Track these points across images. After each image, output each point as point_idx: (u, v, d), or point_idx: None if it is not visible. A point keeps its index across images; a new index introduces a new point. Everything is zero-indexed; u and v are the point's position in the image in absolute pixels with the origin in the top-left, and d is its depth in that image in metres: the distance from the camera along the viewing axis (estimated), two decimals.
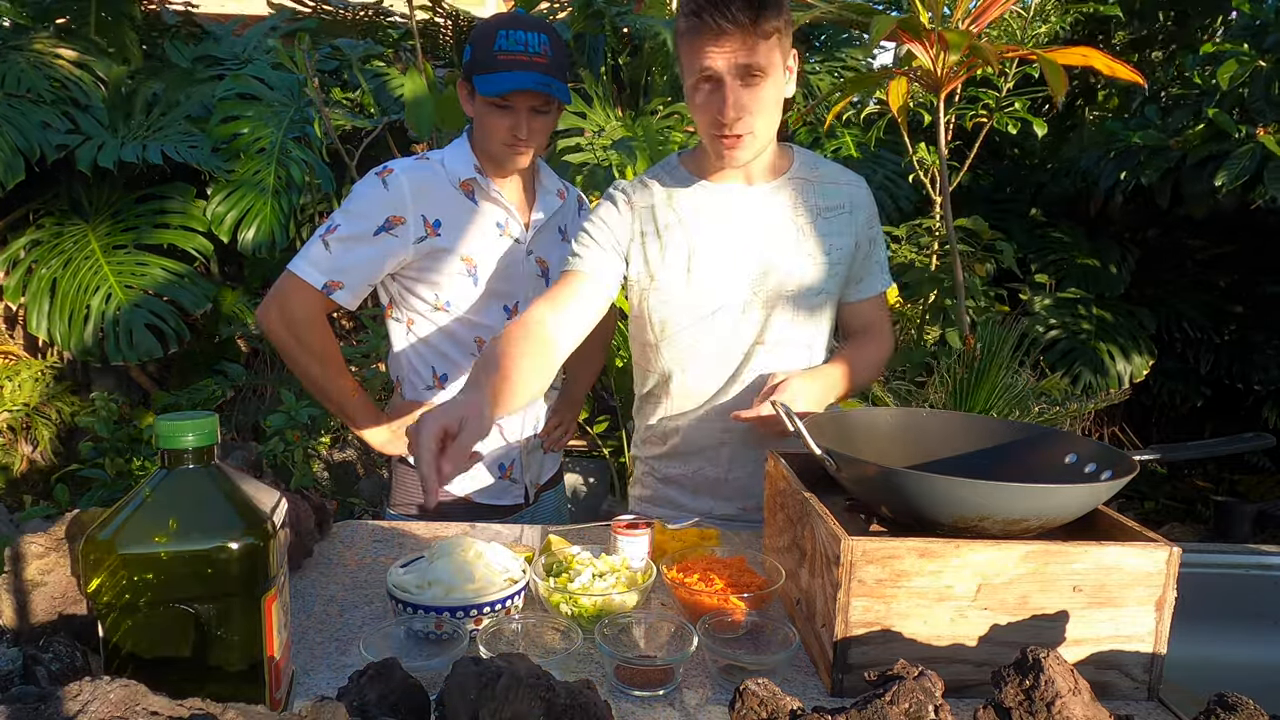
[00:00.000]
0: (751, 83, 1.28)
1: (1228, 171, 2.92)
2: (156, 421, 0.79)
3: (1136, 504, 4.04)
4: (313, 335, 1.55)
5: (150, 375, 4.05)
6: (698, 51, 1.27)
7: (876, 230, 1.52)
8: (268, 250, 3.52)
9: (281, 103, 3.77)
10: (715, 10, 1.23)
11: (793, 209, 1.44)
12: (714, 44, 1.26)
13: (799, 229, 1.44)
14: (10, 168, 3.23)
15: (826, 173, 1.49)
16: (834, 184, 1.48)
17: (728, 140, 1.32)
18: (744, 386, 1.45)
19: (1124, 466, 1.02)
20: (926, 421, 1.27)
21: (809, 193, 1.46)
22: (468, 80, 1.53)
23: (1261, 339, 3.99)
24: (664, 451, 1.55)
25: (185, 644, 0.77)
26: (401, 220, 1.52)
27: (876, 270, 1.53)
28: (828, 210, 1.46)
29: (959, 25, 2.51)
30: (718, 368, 1.46)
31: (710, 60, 1.26)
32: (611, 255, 1.43)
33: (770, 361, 1.45)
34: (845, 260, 1.47)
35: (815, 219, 1.45)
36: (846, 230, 1.47)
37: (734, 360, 1.45)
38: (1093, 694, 0.72)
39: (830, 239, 1.45)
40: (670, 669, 0.95)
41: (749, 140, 1.32)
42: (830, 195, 1.47)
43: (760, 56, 1.26)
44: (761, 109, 1.31)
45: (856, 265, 1.50)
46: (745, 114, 1.29)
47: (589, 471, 3.63)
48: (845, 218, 1.47)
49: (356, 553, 1.38)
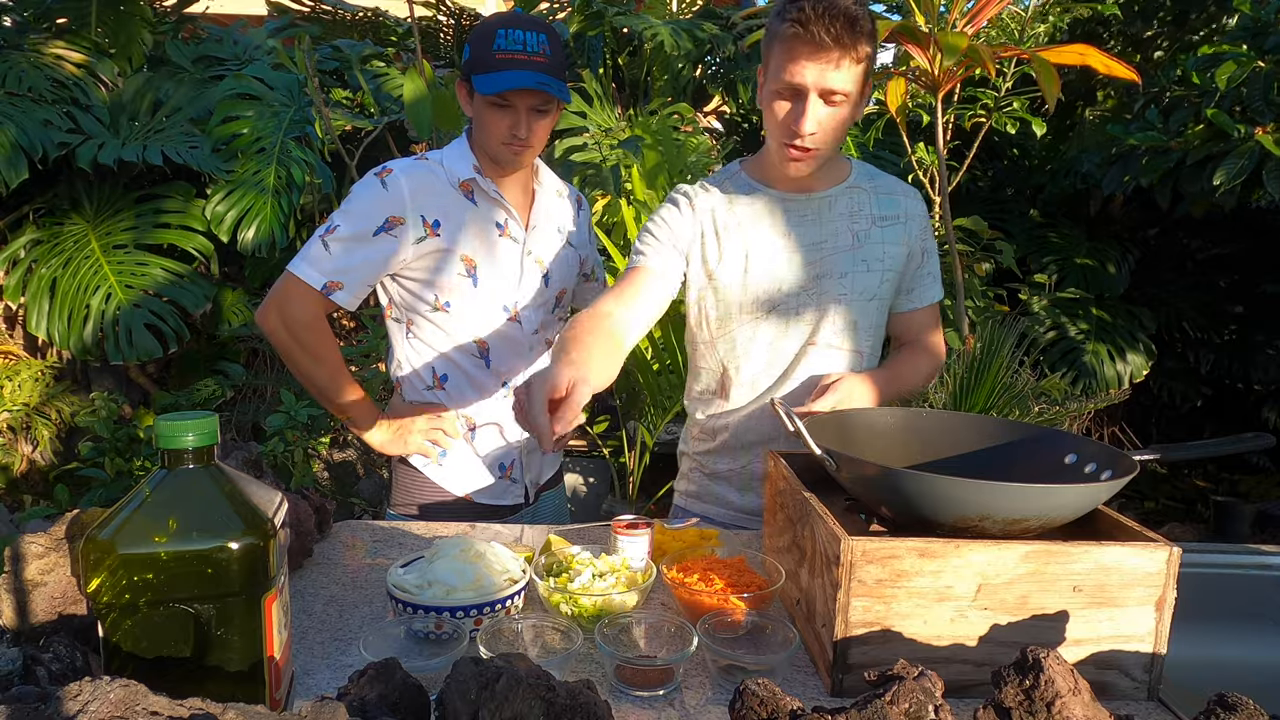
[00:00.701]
0: (832, 103, 1.33)
1: (1225, 171, 2.93)
2: (156, 421, 0.79)
3: (1136, 504, 4.04)
4: (312, 336, 1.55)
5: (150, 375, 4.05)
6: (791, 61, 1.30)
7: (930, 242, 1.55)
8: (267, 250, 3.52)
9: (281, 103, 3.77)
10: (822, 25, 1.25)
11: (850, 217, 1.48)
12: (810, 58, 1.29)
13: (854, 235, 1.48)
14: (13, 167, 3.23)
15: (882, 184, 1.53)
16: (889, 194, 1.52)
17: (795, 152, 1.37)
18: (795, 385, 1.50)
19: (1124, 466, 1.02)
20: (926, 421, 1.27)
21: (865, 202, 1.50)
22: (466, 80, 1.53)
23: (1261, 339, 3.99)
24: (713, 447, 1.58)
25: (185, 644, 0.77)
26: (401, 221, 1.52)
27: (928, 281, 1.57)
28: (883, 219, 1.50)
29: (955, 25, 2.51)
30: (769, 366, 1.50)
31: (801, 72, 1.30)
32: (674, 254, 1.47)
33: (821, 362, 1.49)
34: (897, 268, 1.51)
35: (871, 227, 1.49)
36: (900, 239, 1.51)
37: (785, 359, 1.50)
38: (1093, 694, 0.72)
39: (885, 247, 1.49)
40: (670, 669, 0.95)
41: (816, 155, 1.38)
42: (886, 205, 1.51)
43: (848, 80, 1.31)
44: (835, 128, 1.36)
45: (908, 275, 1.55)
46: (819, 130, 1.34)
47: (589, 471, 3.63)
48: (900, 227, 1.51)
49: (356, 553, 1.38)
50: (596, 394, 1.17)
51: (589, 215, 1.81)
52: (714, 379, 1.55)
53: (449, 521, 1.58)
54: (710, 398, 1.57)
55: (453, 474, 1.68)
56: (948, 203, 2.74)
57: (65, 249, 3.57)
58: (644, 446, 3.12)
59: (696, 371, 1.59)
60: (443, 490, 1.68)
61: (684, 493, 1.66)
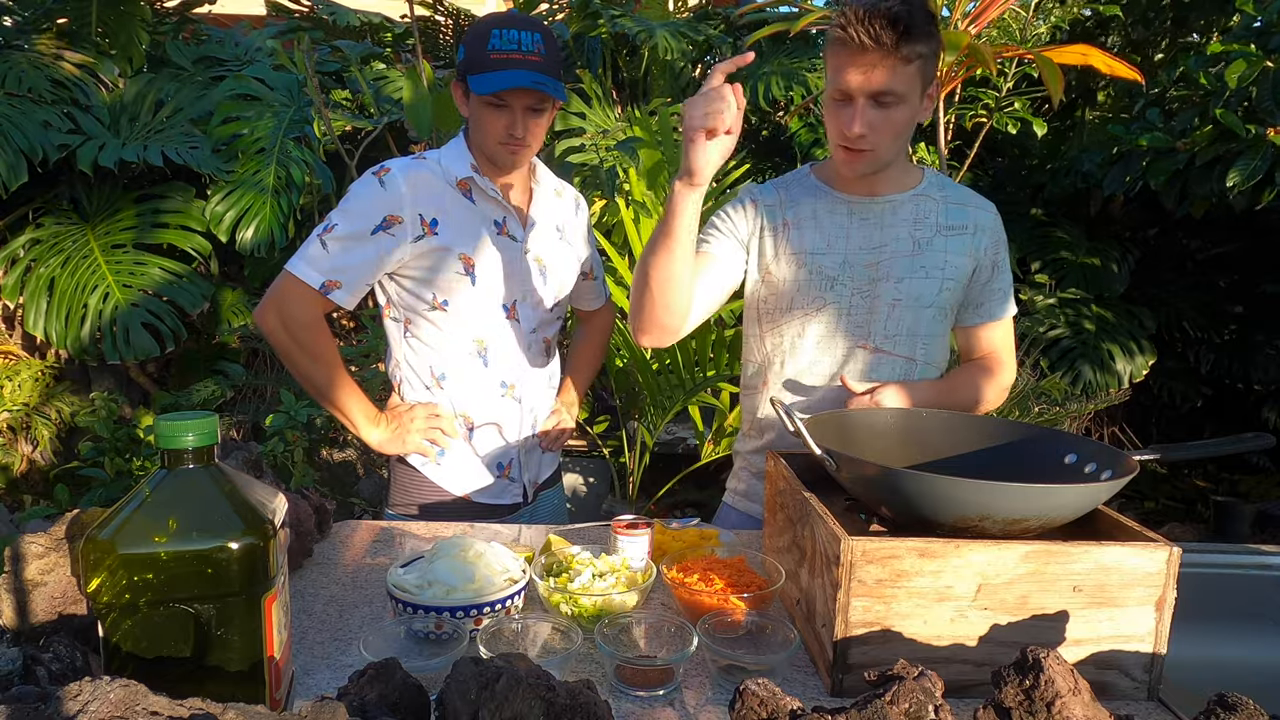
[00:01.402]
0: (885, 105, 1.32)
1: (1239, 172, 2.91)
2: (156, 421, 0.79)
3: (1136, 504, 4.04)
4: (310, 335, 1.55)
5: (150, 375, 4.05)
6: (839, 66, 1.32)
7: (1002, 257, 1.53)
8: (266, 250, 3.52)
9: (281, 103, 3.77)
10: (861, 28, 1.26)
11: (913, 223, 1.47)
12: (853, 62, 1.30)
13: (916, 242, 1.47)
14: (14, 169, 3.23)
15: (954, 194, 1.52)
16: (960, 205, 1.51)
17: (849, 154, 1.38)
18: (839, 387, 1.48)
19: (1124, 466, 1.02)
20: (926, 421, 1.27)
21: (932, 210, 1.49)
22: (462, 80, 1.53)
23: (1261, 339, 3.99)
24: (761, 445, 1.59)
25: (185, 644, 0.77)
26: (399, 220, 1.52)
27: (998, 297, 1.54)
28: (949, 229, 1.48)
29: (958, 25, 2.51)
30: (816, 365, 1.50)
31: (848, 77, 1.31)
32: (735, 243, 1.49)
33: (869, 365, 1.49)
34: (961, 279, 1.49)
35: (934, 235, 1.48)
36: (966, 251, 1.49)
37: (836, 358, 1.50)
38: (1093, 694, 0.72)
39: (947, 256, 1.47)
40: (670, 669, 0.95)
41: (870, 156, 1.38)
42: (954, 215, 1.49)
43: (897, 81, 1.30)
44: (889, 129, 1.35)
45: (976, 289, 1.52)
46: (870, 131, 1.34)
47: (589, 471, 3.63)
48: (967, 238, 1.49)
49: (356, 553, 1.38)
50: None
51: (587, 214, 1.81)
52: (760, 372, 1.57)
53: (448, 521, 1.58)
54: (753, 392, 1.59)
55: (451, 473, 1.68)
56: None
57: (64, 248, 3.58)
58: (644, 446, 3.12)
59: (746, 363, 1.61)
60: (441, 490, 1.68)
61: (733, 490, 1.68)
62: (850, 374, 1.48)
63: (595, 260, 1.86)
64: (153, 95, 3.78)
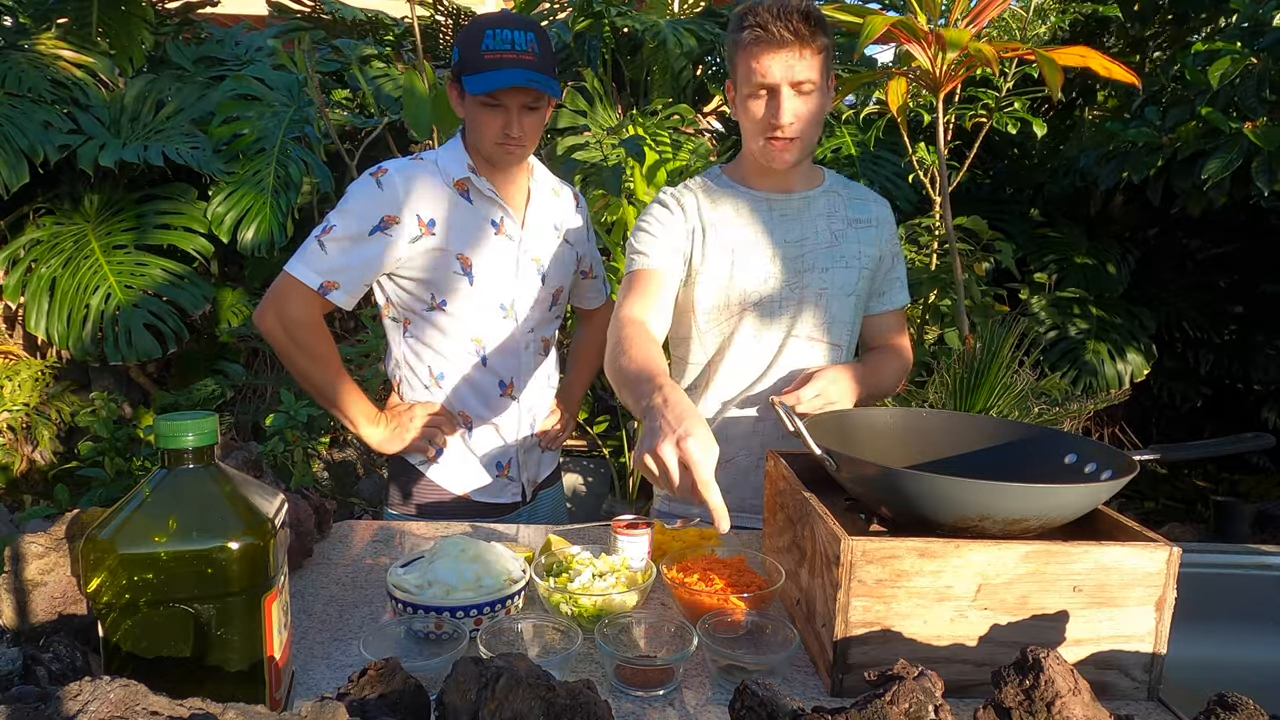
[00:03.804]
0: (803, 93, 1.42)
1: (1214, 165, 2.94)
2: (156, 421, 0.79)
3: (1136, 504, 4.04)
4: (309, 336, 1.55)
5: (150, 375, 4.05)
6: (757, 62, 1.40)
7: (898, 247, 1.65)
8: (267, 250, 3.52)
9: (282, 103, 3.77)
10: (781, 24, 1.37)
11: (828, 217, 1.57)
12: (773, 55, 1.39)
13: (834, 234, 1.56)
14: (14, 170, 3.23)
15: (854, 190, 1.63)
16: (861, 200, 1.62)
17: (779, 143, 1.45)
18: (777, 378, 1.54)
19: (1124, 466, 1.02)
20: (926, 421, 1.27)
21: (840, 204, 1.59)
22: (457, 81, 1.53)
23: (1261, 339, 3.98)
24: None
25: (185, 644, 0.77)
26: (396, 220, 1.52)
27: (897, 285, 1.65)
28: (857, 221, 1.59)
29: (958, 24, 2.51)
30: (753, 359, 1.55)
31: (769, 70, 1.40)
32: (673, 252, 1.52)
33: (801, 355, 1.54)
34: (871, 268, 1.59)
35: (846, 227, 1.57)
36: (874, 242, 1.59)
37: (768, 353, 1.54)
38: (1093, 694, 0.72)
39: (860, 247, 1.57)
40: (670, 669, 0.95)
41: (798, 144, 1.46)
42: (858, 209, 1.60)
43: (813, 70, 1.41)
44: (811, 117, 1.44)
45: (879, 278, 1.63)
46: (797, 120, 1.43)
47: (589, 471, 3.63)
48: (872, 230, 1.60)
49: (356, 553, 1.38)
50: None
51: (586, 213, 1.81)
52: (698, 373, 1.60)
53: (447, 520, 1.58)
54: (696, 392, 1.60)
55: (450, 473, 1.68)
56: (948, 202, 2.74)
57: (65, 249, 3.57)
58: None
59: (682, 367, 1.63)
60: (440, 489, 1.68)
61: (665, 496, 1.66)
62: (784, 364, 1.54)
63: (595, 259, 1.86)
64: (153, 95, 3.78)
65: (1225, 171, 2.92)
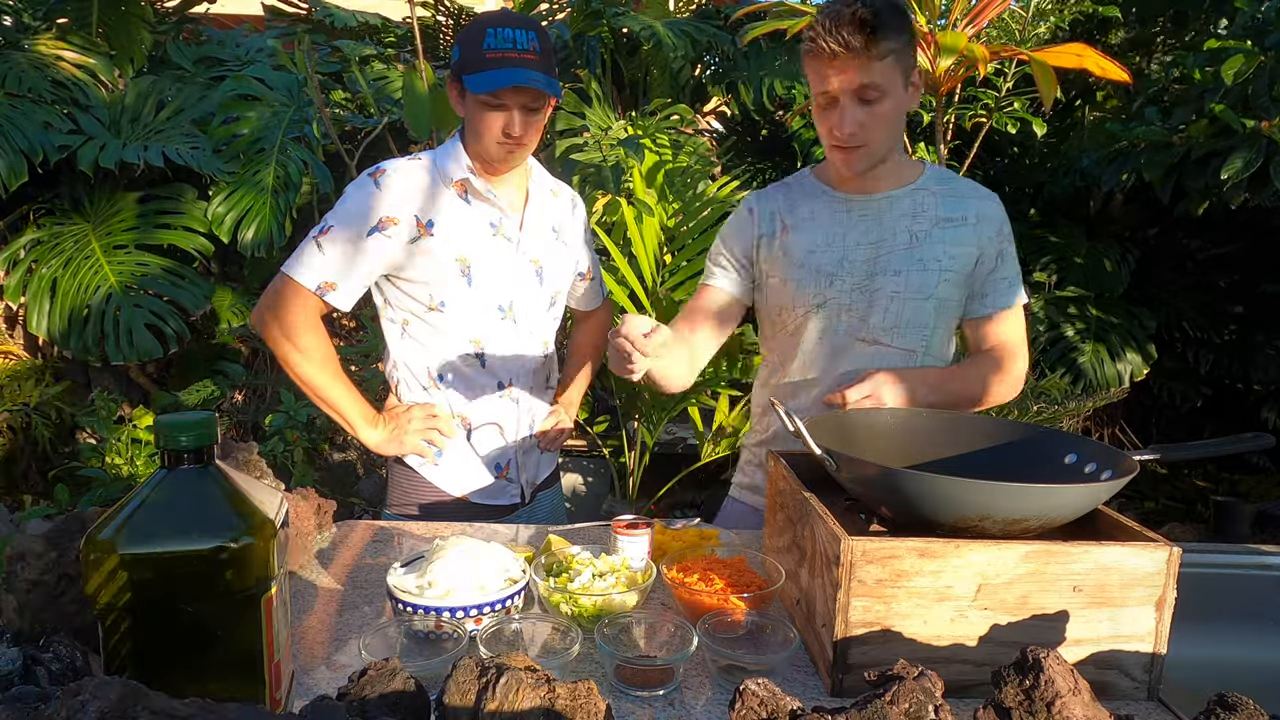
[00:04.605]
0: (868, 100, 1.38)
1: (1234, 165, 2.91)
2: (156, 421, 0.79)
3: (1136, 504, 4.04)
4: (307, 337, 1.55)
5: (150, 375, 4.05)
6: (816, 72, 1.39)
7: (1006, 247, 1.54)
8: (267, 250, 3.52)
9: (282, 103, 3.77)
10: (829, 35, 1.33)
11: (911, 217, 1.50)
12: (829, 66, 1.36)
13: (913, 235, 1.50)
14: (14, 170, 3.23)
15: (954, 187, 1.54)
16: (958, 197, 1.53)
17: (843, 152, 1.43)
18: (839, 377, 1.53)
19: (1124, 466, 1.02)
20: (926, 421, 1.27)
21: (929, 203, 1.51)
22: (457, 80, 1.52)
23: (1261, 339, 3.98)
24: (765, 438, 1.65)
25: (185, 644, 0.77)
26: (394, 221, 1.52)
27: (1003, 286, 1.54)
28: (946, 220, 1.51)
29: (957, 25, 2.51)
30: (818, 358, 1.55)
31: (827, 81, 1.38)
32: (734, 272, 1.59)
33: (868, 358, 1.52)
34: (961, 271, 1.51)
35: (932, 227, 1.50)
36: (967, 241, 1.50)
37: (834, 352, 1.53)
38: (1093, 694, 0.72)
39: (945, 247, 1.49)
40: (670, 669, 0.95)
41: (864, 152, 1.43)
42: (953, 207, 1.51)
43: (876, 76, 1.35)
44: (877, 124, 1.40)
45: (980, 280, 1.53)
46: (860, 129, 1.39)
47: (588, 471, 3.63)
48: (967, 229, 1.50)
49: (356, 553, 1.38)
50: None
51: (584, 213, 1.81)
52: (769, 371, 1.63)
53: (447, 521, 1.58)
54: (764, 388, 1.65)
55: (449, 474, 1.68)
56: None
57: (65, 249, 3.57)
58: (644, 446, 3.12)
59: (766, 363, 1.67)
60: (439, 490, 1.68)
61: (737, 484, 1.73)
62: (849, 366, 1.52)
63: (593, 260, 1.86)
64: (154, 96, 3.78)
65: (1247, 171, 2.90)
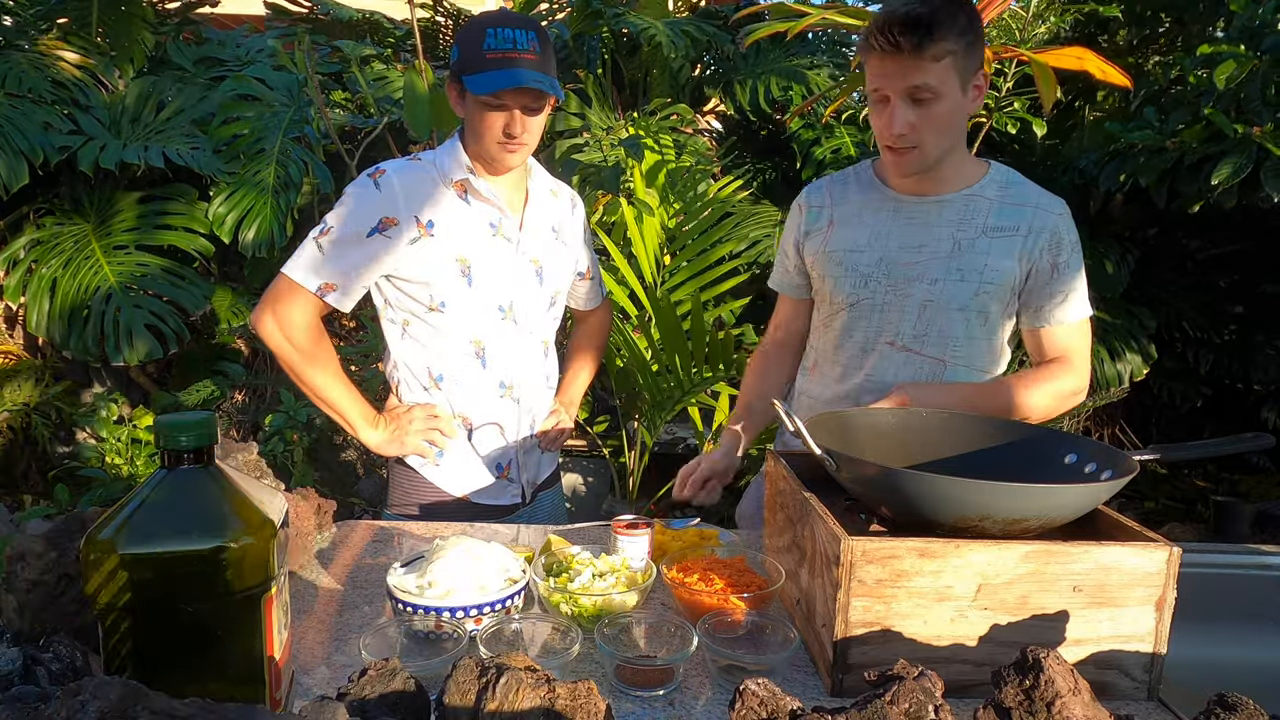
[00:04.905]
0: (921, 101, 1.34)
1: (1223, 171, 2.92)
2: (156, 421, 0.79)
3: (1136, 504, 4.03)
4: (307, 339, 1.55)
5: (150, 375, 4.05)
6: (870, 69, 1.37)
7: (1065, 258, 1.45)
8: (267, 250, 3.52)
9: (282, 103, 3.77)
10: (881, 35, 1.31)
11: (957, 224, 1.46)
12: (881, 66, 1.34)
13: (956, 243, 1.46)
14: (14, 171, 3.23)
15: (1015, 193, 1.48)
16: (1017, 205, 1.46)
17: (894, 154, 1.41)
18: (864, 382, 1.52)
19: (1124, 466, 1.02)
20: (926, 421, 1.27)
21: (982, 210, 1.46)
22: (457, 81, 1.52)
23: (1261, 339, 3.98)
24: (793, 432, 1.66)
25: (185, 644, 0.77)
26: (394, 221, 1.52)
27: (1056, 300, 1.47)
28: (995, 230, 1.45)
29: None
30: (843, 357, 1.56)
31: (879, 80, 1.36)
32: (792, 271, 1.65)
33: (894, 363, 1.50)
34: (1005, 283, 1.45)
35: (979, 236, 1.45)
36: (1013, 253, 1.44)
37: (859, 355, 1.54)
38: (1093, 694, 0.72)
39: (989, 258, 1.44)
40: (670, 669, 0.95)
41: (915, 155, 1.39)
42: (1006, 216, 1.45)
43: (930, 77, 1.31)
44: (930, 126, 1.36)
45: (1033, 293, 1.47)
46: (911, 130, 1.36)
47: (589, 471, 3.63)
48: (1017, 240, 1.44)
49: (356, 553, 1.38)
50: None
51: (583, 213, 1.81)
52: (808, 366, 1.66)
53: (448, 521, 1.58)
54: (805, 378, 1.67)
55: (450, 474, 1.68)
56: None
57: (65, 249, 3.57)
58: (644, 446, 3.11)
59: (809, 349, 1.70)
60: (440, 490, 1.68)
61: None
62: (874, 370, 1.50)
63: (593, 260, 1.86)
64: (154, 96, 3.78)
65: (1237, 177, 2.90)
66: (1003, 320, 1.49)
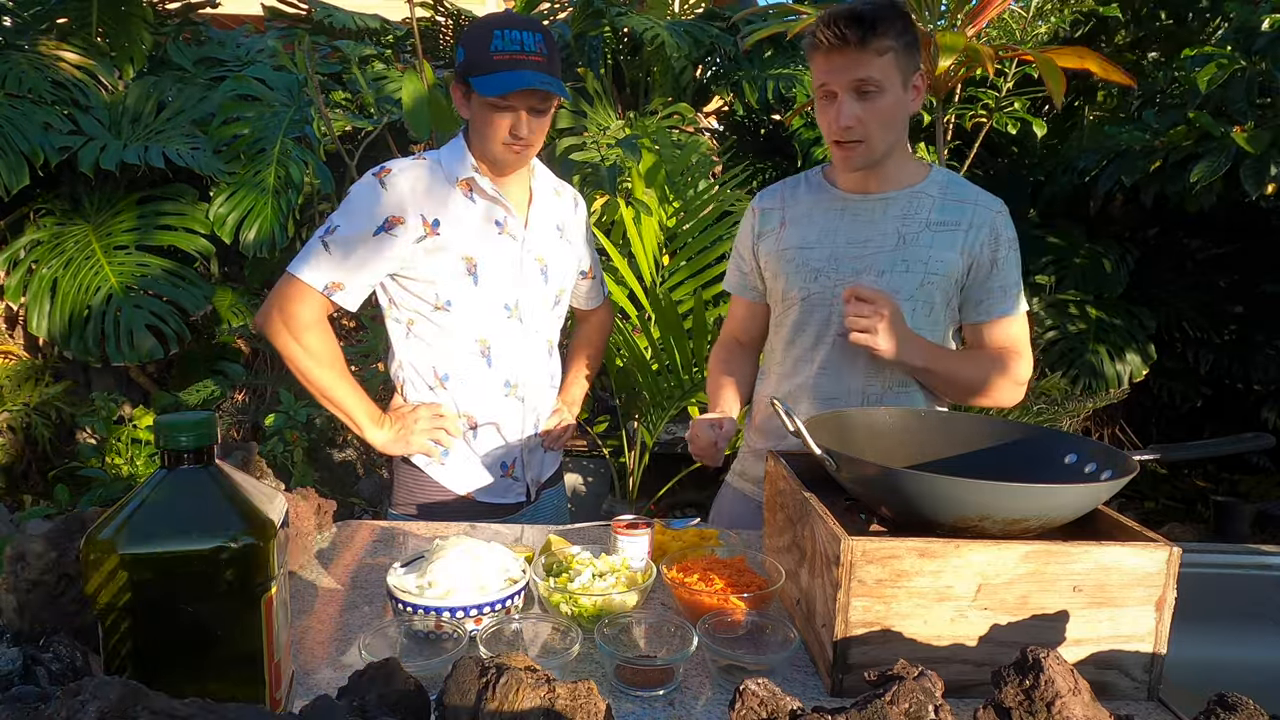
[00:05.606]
0: (866, 95, 1.40)
1: (1200, 171, 2.96)
2: (156, 421, 0.79)
3: (1136, 504, 4.03)
4: (314, 338, 1.55)
5: (150, 375, 4.05)
6: (816, 66, 1.42)
7: (1004, 254, 1.51)
8: (268, 250, 3.53)
9: (282, 103, 3.77)
10: (828, 29, 1.37)
11: (902, 219, 1.51)
12: (827, 60, 1.39)
13: (901, 237, 1.50)
14: (14, 171, 3.23)
15: (955, 192, 1.53)
16: (958, 201, 1.51)
17: (842, 148, 1.45)
18: (818, 369, 1.55)
19: (1124, 466, 1.02)
20: (926, 421, 1.27)
21: (925, 206, 1.51)
22: (463, 82, 1.52)
23: (1261, 339, 3.98)
24: (757, 426, 1.70)
25: (185, 644, 0.77)
26: (401, 220, 1.52)
27: (996, 294, 1.52)
28: (938, 224, 1.50)
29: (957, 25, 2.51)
30: (800, 350, 1.58)
31: (825, 75, 1.41)
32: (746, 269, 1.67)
33: (843, 352, 1.53)
34: (948, 275, 1.49)
35: (921, 230, 1.50)
36: (955, 247, 1.49)
37: (816, 344, 1.56)
38: (1093, 694, 0.72)
39: (933, 251, 1.48)
40: (670, 669, 0.95)
41: (863, 149, 1.44)
42: (949, 211, 1.50)
43: (875, 70, 1.38)
44: (875, 119, 1.41)
45: (975, 286, 1.52)
46: (857, 124, 1.41)
47: (589, 471, 3.63)
48: (959, 235, 1.49)
49: (356, 553, 1.38)
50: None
51: (585, 213, 1.81)
52: (767, 360, 1.68)
53: (450, 521, 1.58)
54: (762, 378, 1.70)
55: (454, 473, 1.68)
56: None
57: (66, 250, 3.57)
58: (644, 446, 3.12)
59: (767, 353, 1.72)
60: (444, 489, 1.68)
61: (733, 470, 1.76)
62: (831, 363, 1.54)
63: (594, 259, 1.86)
64: (154, 96, 3.78)
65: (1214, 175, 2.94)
66: (946, 313, 1.54)
